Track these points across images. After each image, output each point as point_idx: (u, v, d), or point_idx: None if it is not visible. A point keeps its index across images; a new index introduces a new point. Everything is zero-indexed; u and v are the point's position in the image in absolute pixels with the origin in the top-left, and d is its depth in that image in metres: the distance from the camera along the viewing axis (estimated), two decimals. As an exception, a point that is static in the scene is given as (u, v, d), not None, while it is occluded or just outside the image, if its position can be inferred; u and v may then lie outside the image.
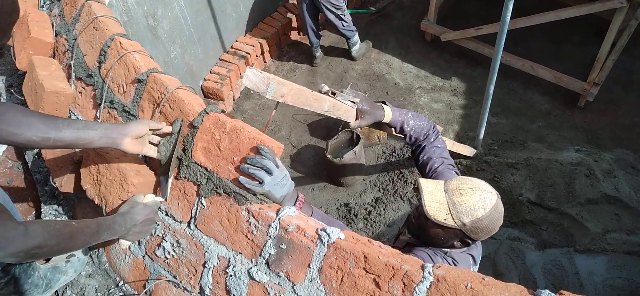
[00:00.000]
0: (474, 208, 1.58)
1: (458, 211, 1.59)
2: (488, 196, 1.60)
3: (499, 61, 2.96)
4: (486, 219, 1.58)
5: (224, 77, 4.39)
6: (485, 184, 1.64)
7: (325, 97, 1.68)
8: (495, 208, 1.60)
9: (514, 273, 3.12)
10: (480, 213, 1.58)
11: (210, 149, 1.56)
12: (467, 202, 1.58)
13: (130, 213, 1.48)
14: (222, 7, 4.34)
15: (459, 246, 1.74)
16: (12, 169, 2.37)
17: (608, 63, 3.83)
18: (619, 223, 3.24)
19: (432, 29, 4.74)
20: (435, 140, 2.09)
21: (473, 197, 1.59)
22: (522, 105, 4.27)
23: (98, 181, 1.61)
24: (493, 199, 1.60)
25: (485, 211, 1.58)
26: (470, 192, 1.59)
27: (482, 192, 1.60)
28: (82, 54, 2.06)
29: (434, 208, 1.60)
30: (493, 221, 1.61)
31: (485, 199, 1.59)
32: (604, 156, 3.64)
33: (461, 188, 1.61)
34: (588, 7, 3.74)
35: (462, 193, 1.60)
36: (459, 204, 1.59)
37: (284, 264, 1.41)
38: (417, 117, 2.10)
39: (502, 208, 1.66)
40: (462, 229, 1.61)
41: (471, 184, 1.62)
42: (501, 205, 1.64)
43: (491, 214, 1.59)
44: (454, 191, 1.61)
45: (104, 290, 1.87)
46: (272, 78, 1.35)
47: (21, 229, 1.18)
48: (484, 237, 1.68)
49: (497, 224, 1.63)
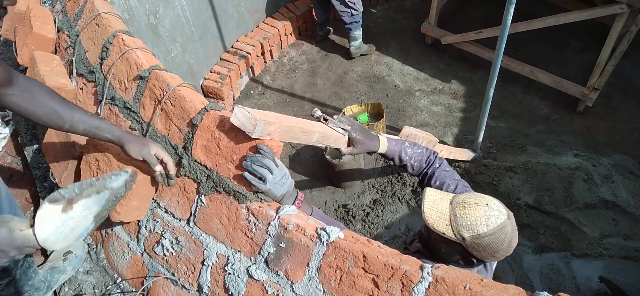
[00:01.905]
0: (476, 224, 1.50)
1: (458, 224, 1.52)
2: (495, 214, 1.51)
3: (499, 64, 2.96)
4: (488, 237, 1.49)
5: (224, 76, 4.40)
6: (497, 204, 1.55)
7: (314, 130, 1.66)
8: (501, 229, 1.50)
9: (511, 276, 3.13)
10: (481, 229, 1.49)
11: (210, 148, 1.56)
12: (469, 216, 1.51)
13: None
14: (223, 7, 4.34)
15: (462, 264, 1.65)
16: (12, 164, 2.37)
17: (608, 68, 3.84)
18: (616, 228, 3.24)
19: (433, 31, 4.75)
20: (441, 165, 2.01)
21: (477, 212, 1.51)
22: (521, 109, 4.28)
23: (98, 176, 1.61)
24: (500, 219, 1.51)
25: (488, 228, 1.49)
26: (475, 207, 1.52)
27: (488, 209, 1.51)
28: (84, 50, 2.06)
29: (434, 217, 1.55)
30: (497, 241, 1.50)
31: (490, 216, 1.50)
32: (602, 161, 3.65)
33: (467, 201, 1.54)
34: (588, 12, 3.75)
35: (467, 206, 1.53)
36: (460, 216, 1.52)
37: (282, 262, 1.41)
38: (414, 145, 2.04)
39: (513, 230, 1.55)
40: (462, 244, 1.53)
41: (478, 200, 1.54)
42: (511, 227, 1.54)
43: (495, 233, 1.49)
44: (459, 204, 1.55)
45: (102, 287, 1.87)
46: (258, 119, 1.36)
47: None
48: (489, 258, 1.58)
49: (502, 246, 1.52)
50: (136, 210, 1.61)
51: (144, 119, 1.77)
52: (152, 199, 1.71)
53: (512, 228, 1.54)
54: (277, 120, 1.49)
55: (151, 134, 1.72)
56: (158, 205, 1.70)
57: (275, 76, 4.84)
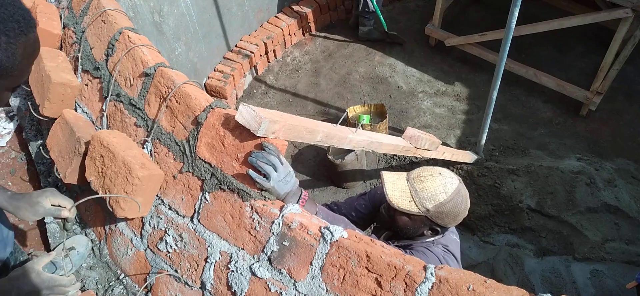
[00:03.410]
0: (436, 193, 1.64)
1: (420, 198, 1.64)
2: (449, 181, 1.66)
3: (503, 67, 2.96)
4: (449, 203, 1.64)
5: (228, 75, 4.40)
6: (446, 171, 1.70)
7: (318, 129, 1.69)
8: (458, 192, 1.66)
9: (513, 279, 3.13)
10: (441, 197, 1.63)
11: (214, 145, 1.57)
12: (428, 188, 1.64)
13: (19, 281, 1.37)
14: (227, 6, 4.35)
15: (429, 235, 1.79)
16: (16, 160, 2.38)
17: (611, 72, 3.84)
18: (618, 232, 3.24)
19: (437, 33, 4.75)
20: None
21: (434, 182, 1.64)
22: (524, 112, 4.28)
23: (103, 173, 1.62)
24: (454, 183, 1.66)
25: (447, 195, 1.64)
26: (431, 178, 1.65)
27: (442, 177, 1.66)
28: (89, 46, 2.07)
29: (397, 197, 1.66)
30: (457, 204, 1.66)
31: (446, 184, 1.65)
32: (605, 165, 3.65)
33: (422, 175, 1.68)
34: (593, 16, 3.75)
35: (423, 179, 1.66)
36: (420, 190, 1.65)
37: (286, 261, 1.42)
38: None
39: (466, 192, 1.71)
40: (427, 216, 1.66)
41: (431, 171, 1.69)
42: (464, 189, 1.70)
43: (454, 198, 1.64)
44: (415, 179, 1.68)
45: (105, 283, 1.88)
46: (264, 117, 1.36)
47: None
48: (452, 223, 1.73)
49: (461, 208, 1.68)
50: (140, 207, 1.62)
51: (149, 116, 1.78)
52: (156, 196, 1.71)
53: (464, 190, 1.71)
54: (282, 119, 1.49)
55: (156, 130, 1.73)
56: (162, 202, 1.71)
57: (279, 75, 4.84)
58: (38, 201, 1.48)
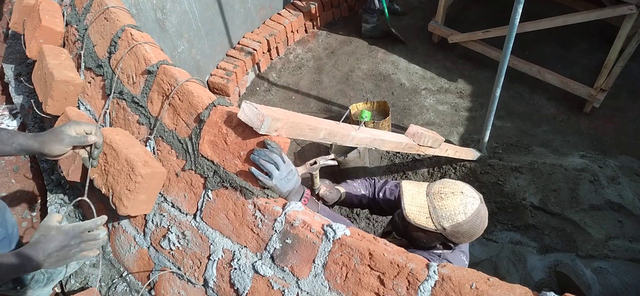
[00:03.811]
0: (455, 213, 1.57)
1: (438, 216, 1.58)
2: (470, 201, 1.59)
3: (506, 64, 2.95)
4: (467, 224, 1.58)
5: (230, 72, 4.40)
6: (468, 188, 1.63)
7: (321, 127, 1.68)
8: (477, 213, 1.59)
9: (515, 277, 3.12)
10: (460, 218, 1.57)
11: (217, 143, 1.57)
12: (447, 206, 1.57)
13: (42, 243, 1.29)
14: (230, 3, 4.34)
15: (440, 249, 1.75)
16: (19, 157, 2.39)
17: (615, 69, 3.82)
18: (622, 230, 3.23)
19: (440, 30, 4.73)
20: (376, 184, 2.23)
21: (454, 201, 1.58)
22: (527, 109, 4.26)
23: (106, 170, 1.62)
24: (475, 204, 1.59)
25: (466, 216, 1.57)
26: (452, 196, 1.58)
27: (463, 196, 1.59)
28: (92, 44, 2.07)
29: (414, 212, 1.60)
30: (474, 226, 1.60)
31: (466, 204, 1.58)
32: (608, 162, 3.63)
33: (443, 191, 1.61)
34: (597, 12, 3.73)
35: (443, 196, 1.59)
36: (439, 208, 1.58)
37: (288, 258, 1.42)
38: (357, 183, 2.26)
39: (486, 213, 1.64)
40: (443, 233, 1.61)
41: (453, 188, 1.61)
42: (484, 210, 1.63)
43: (472, 219, 1.58)
44: (435, 195, 1.61)
45: (108, 280, 1.88)
46: (266, 115, 1.36)
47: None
48: (466, 241, 1.68)
49: (479, 229, 1.62)
50: (143, 204, 1.62)
51: (151, 114, 1.78)
52: (159, 194, 1.71)
53: (485, 210, 1.64)
54: (285, 116, 1.49)
55: (159, 128, 1.73)
56: (165, 200, 1.71)
57: (281, 72, 4.84)
58: (62, 130, 1.44)
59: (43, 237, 1.30)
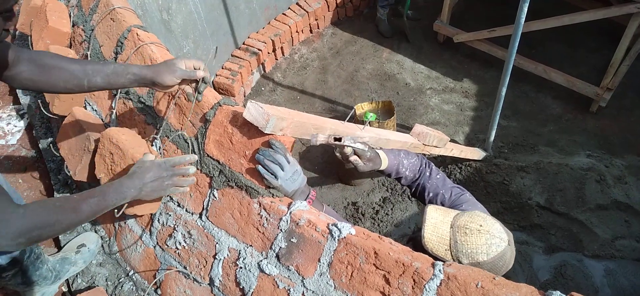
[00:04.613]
0: (476, 252, 1.47)
1: (458, 250, 1.48)
2: (496, 242, 1.48)
3: (512, 63, 2.94)
4: (487, 265, 1.47)
5: (236, 73, 4.41)
6: (498, 229, 1.51)
7: (326, 126, 1.68)
8: (501, 256, 1.48)
9: (521, 276, 3.11)
10: (481, 258, 1.47)
11: (222, 142, 1.57)
12: (470, 243, 1.48)
13: (138, 173, 1.43)
14: (235, 3, 4.35)
15: None
16: (26, 157, 2.41)
17: (622, 68, 3.80)
18: (629, 229, 3.21)
19: (445, 30, 4.72)
20: (432, 174, 1.99)
21: (478, 240, 1.47)
22: (533, 108, 4.25)
23: (112, 169, 1.63)
24: (500, 247, 1.48)
25: (488, 257, 1.46)
26: (477, 234, 1.48)
27: (490, 237, 1.48)
28: (98, 44, 2.08)
29: (433, 242, 1.50)
30: (496, 267, 1.49)
31: (491, 245, 1.47)
32: (615, 162, 3.61)
33: (469, 226, 1.50)
34: (603, 11, 3.71)
35: (468, 232, 1.49)
36: (461, 243, 1.48)
37: (294, 258, 1.42)
38: (408, 154, 2.04)
39: (512, 255, 1.54)
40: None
41: (480, 225, 1.50)
42: (511, 253, 1.52)
43: (494, 261, 1.47)
44: (460, 228, 1.50)
45: (114, 279, 1.90)
46: (271, 114, 1.37)
47: (20, 211, 1.16)
48: None
49: (500, 271, 1.51)
50: (150, 203, 1.63)
51: (157, 114, 1.79)
52: (165, 193, 1.72)
53: (511, 253, 1.52)
54: (290, 116, 1.49)
55: (165, 128, 1.74)
56: (171, 199, 1.72)
57: (286, 73, 4.84)
58: (175, 63, 1.50)
59: (139, 169, 1.44)
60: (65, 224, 1.26)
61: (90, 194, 1.33)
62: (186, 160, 1.49)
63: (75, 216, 1.28)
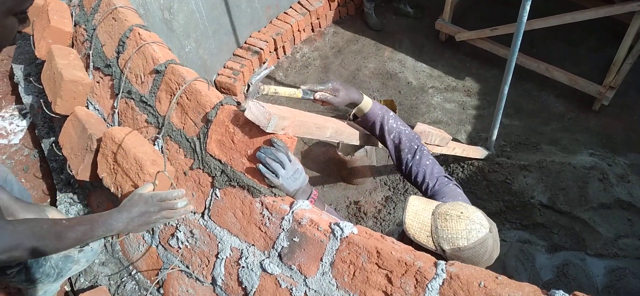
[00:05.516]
0: (456, 237, 1.48)
1: (439, 236, 1.50)
2: (476, 227, 1.48)
3: (514, 62, 2.94)
4: (468, 251, 1.48)
5: (237, 72, 4.42)
6: (479, 216, 1.52)
7: (327, 125, 1.67)
8: (482, 243, 1.48)
9: (524, 275, 3.10)
10: (462, 243, 1.47)
11: (224, 142, 1.57)
12: (450, 229, 1.49)
13: (126, 206, 1.45)
14: (237, 2, 4.36)
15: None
16: (29, 156, 2.41)
17: (625, 67, 3.79)
18: (631, 228, 3.20)
19: (447, 28, 4.71)
20: (422, 157, 1.94)
21: (458, 225, 1.49)
22: (536, 107, 4.24)
23: (114, 169, 1.63)
24: (481, 233, 1.48)
25: (469, 242, 1.47)
26: (457, 219, 1.50)
27: (470, 222, 1.49)
28: (100, 44, 2.08)
29: (415, 228, 1.53)
30: (477, 255, 1.49)
31: (471, 230, 1.48)
32: (618, 160, 3.60)
33: (449, 213, 1.52)
34: (606, 9, 3.70)
35: (448, 218, 1.51)
36: (441, 229, 1.50)
37: (296, 257, 1.42)
38: (402, 122, 1.99)
39: (494, 245, 1.54)
40: (443, 256, 1.51)
41: (461, 211, 1.52)
42: (492, 242, 1.52)
43: (475, 247, 1.48)
44: (441, 215, 1.53)
45: (117, 278, 1.90)
46: (273, 113, 1.37)
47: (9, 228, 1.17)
48: None
49: (482, 259, 1.51)
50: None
51: (160, 113, 1.79)
52: (167, 193, 1.72)
53: (493, 241, 1.52)
54: (291, 115, 1.49)
55: (167, 127, 1.74)
56: (173, 198, 1.72)
57: (288, 71, 4.84)
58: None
59: (128, 202, 1.47)
60: (48, 250, 1.28)
61: (80, 221, 1.36)
62: (173, 196, 1.52)
63: (60, 243, 1.31)
